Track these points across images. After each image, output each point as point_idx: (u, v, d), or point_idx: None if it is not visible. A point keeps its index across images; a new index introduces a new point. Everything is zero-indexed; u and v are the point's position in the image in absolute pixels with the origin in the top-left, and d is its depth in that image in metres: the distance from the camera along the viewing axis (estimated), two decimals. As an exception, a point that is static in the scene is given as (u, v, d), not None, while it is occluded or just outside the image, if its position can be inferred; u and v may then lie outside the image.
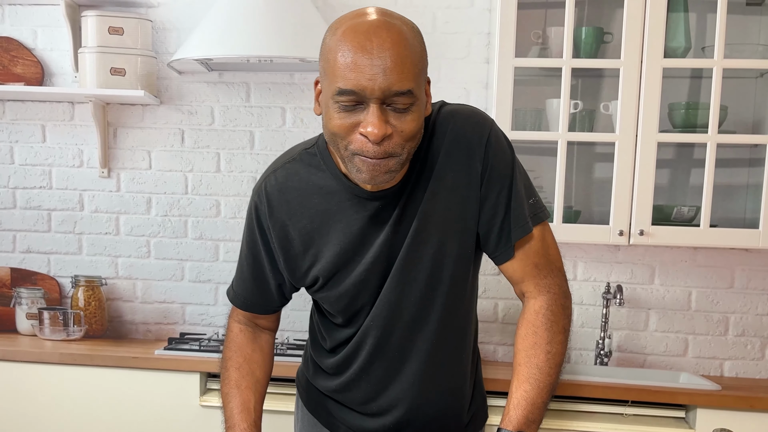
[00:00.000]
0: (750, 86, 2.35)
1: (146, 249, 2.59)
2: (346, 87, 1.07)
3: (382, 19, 1.09)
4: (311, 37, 2.23)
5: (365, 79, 1.06)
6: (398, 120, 1.10)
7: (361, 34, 1.07)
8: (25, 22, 2.56)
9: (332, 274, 1.27)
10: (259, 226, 1.31)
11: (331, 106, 1.11)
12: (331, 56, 1.09)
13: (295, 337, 2.51)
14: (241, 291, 1.40)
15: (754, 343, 2.43)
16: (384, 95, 1.07)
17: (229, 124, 2.53)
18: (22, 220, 2.61)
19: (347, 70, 1.06)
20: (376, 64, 1.06)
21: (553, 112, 2.27)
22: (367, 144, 1.10)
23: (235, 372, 1.38)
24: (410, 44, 1.09)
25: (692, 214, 2.27)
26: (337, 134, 1.12)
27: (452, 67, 2.43)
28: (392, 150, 1.11)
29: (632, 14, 2.15)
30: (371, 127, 1.08)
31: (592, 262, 2.45)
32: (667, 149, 2.36)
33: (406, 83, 1.07)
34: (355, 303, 1.29)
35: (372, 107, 1.08)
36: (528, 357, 1.24)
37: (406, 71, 1.07)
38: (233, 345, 1.41)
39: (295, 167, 1.27)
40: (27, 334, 2.51)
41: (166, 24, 2.52)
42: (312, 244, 1.27)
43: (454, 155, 1.21)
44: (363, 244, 1.24)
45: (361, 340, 1.31)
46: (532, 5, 2.33)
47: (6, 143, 2.60)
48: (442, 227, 1.23)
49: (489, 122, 1.23)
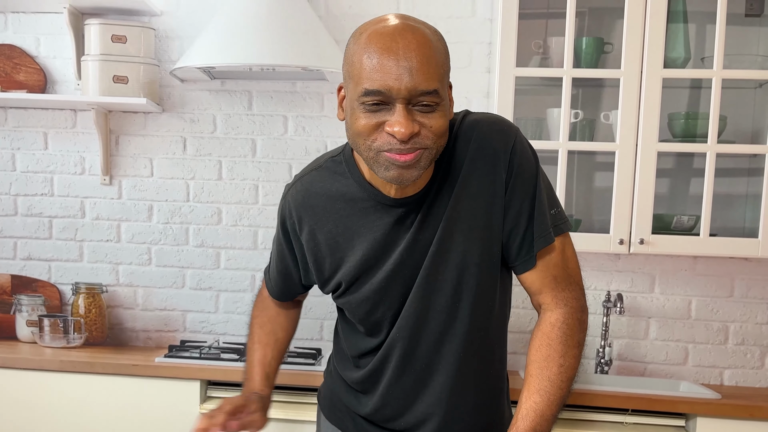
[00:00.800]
0: (749, 96, 2.37)
1: (147, 256, 2.59)
2: (372, 87, 1.08)
3: (406, 23, 1.11)
4: (313, 46, 2.24)
5: (392, 80, 1.06)
6: (425, 118, 1.10)
7: (386, 36, 1.08)
8: (28, 29, 2.57)
9: (355, 279, 1.28)
10: (284, 228, 1.38)
11: (356, 108, 1.11)
12: (356, 59, 1.10)
13: (297, 345, 2.51)
14: (272, 279, 1.51)
15: (754, 352, 2.44)
16: (410, 95, 1.08)
17: (231, 132, 2.54)
18: (24, 227, 2.61)
19: (373, 72, 1.07)
20: (402, 65, 1.06)
21: (553, 121, 2.28)
22: (393, 141, 1.10)
23: (259, 329, 1.52)
24: (434, 46, 1.10)
25: (692, 223, 2.28)
26: (362, 134, 1.12)
27: (454, 76, 2.38)
28: (422, 143, 1.11)
29: (632, 25, 2.17)
30: (398, 126, 1.08)
31: (593, 270, 2.46)
32: (667, 159, 2.37)
33: (432, 83, 1.08)
34: (376, 310, 1.28)
35: (398, 107, 1.08)
36: (540, 369, 1.23)
37: (432, 71, 1.08)
38: (261, 304, 1.54)
39: (321, 174, 1.30)
40: (27, 341, 2.51)
41: (169, 32, 2.53)
42: (337, 249, 1.28)
43: (479, 162, 1.21)
44: (385, 251, 1.24)
45: (387, 352, 1.30)
46: (533, 15, 2.35)
47: (8, 150, 2.60)
48: (467, 234, 1.22)
49: (514, 130, 1.23)
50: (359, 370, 1.35)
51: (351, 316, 1.34)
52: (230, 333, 2.57)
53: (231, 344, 2.47)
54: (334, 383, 1.44)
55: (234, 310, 2.58)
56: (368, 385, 1.34)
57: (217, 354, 2.33)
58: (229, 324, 2.59)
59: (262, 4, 2.29)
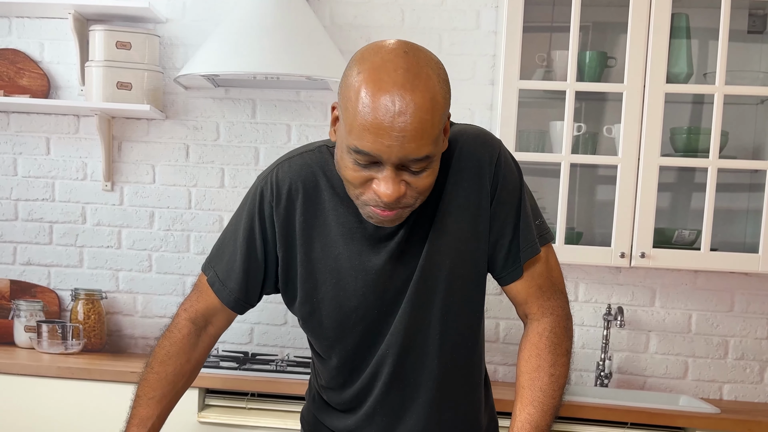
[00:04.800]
0: (751, 112, 2.38)
1: (148, 263, 2.58)
2: (362, 149, 1.05)
3: (406, 73, 1.03)
4: (318, 56, 2.25)
5: (383, 146, 1.04)
6: (413, 178, 1.09)
7: (384, 92, 1.02)
8: (33, 35, 2.57)
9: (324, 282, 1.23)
10: (261, 215, 1.24)
11: (345, 155, 1.09)
12: (351, 103, 1.05)
13: (296, 354, 2.51)
14: (230, 284, 1.28)
15: (753, 367, 2.44)
16: (400, 161, 1.06)
17: (234, 140, 2.55)
18: (24, 232, 2.61)
19: (365, 131, 1.03)
20: (395, 134, 1.02)
21: (556, 134, 2.29)
22: (378, 199, 1.09)
23: (155, 377, 1.30)
24: (434, 103, 1.04)
25: (693, 238, 2.29)
26: (349, 182, 1.11)
27: (457, 88, 2.43)
28: (405, 203, 1.11)
29: (635, 40, 2.18)
30: (384, 189, 1.07)
31: (594, 283, 2.46)
32: (668, 173, 2.38)
33: (424, 150, 1.05)
34: (349, 320, 1.23)
35: (387, 170, 1.06)
36: (532, 380, 1.23)
37: (426, 138, 1.04)
38: (171, 347, 1.30)
39: (312, 158, 1.23)
40: (25, 347, 2.49)
41: (174, 40, 2.54)
42: (310, 241, 1.22)
43: (465, 174, 1.20)
44: (361, 254, 1.21)
45: (376, 370, 1.26)
46: (537, 29, 2.36)
47: (10, 155, 2.60)
48: (456, 246, 1.22)
49: (498, 142, 1.23)
50: (344, 390, 1.31)
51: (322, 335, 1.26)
52: (229, 341, 2.56)
53: (230, 352, 2.47)
54: (316, 406, 1.39)
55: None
56: (354, 404, 1.31)
57: (216, 362, 2.32)
58: (228, 332, 2.56)
59: (267, 13, 2.30)
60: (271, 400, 2.20)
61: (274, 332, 2.57)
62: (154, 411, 1.30)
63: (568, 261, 2.29)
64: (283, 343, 2.57)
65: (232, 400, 2.22)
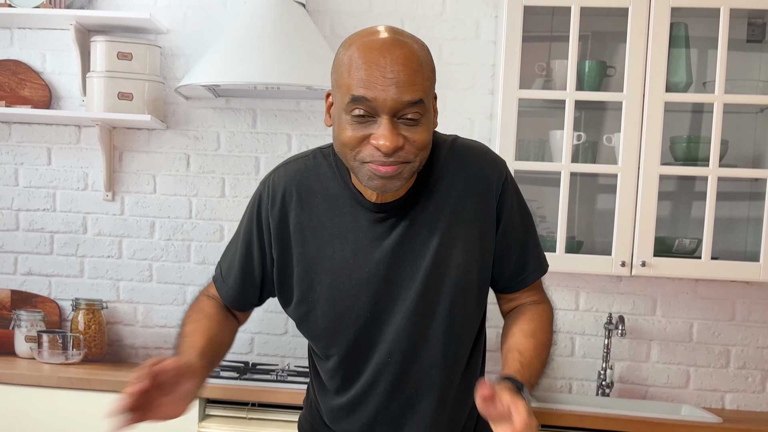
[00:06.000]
0: (750, 121, 2.38)
1: (148, 273, 2.59)
2: (359, 94, 1.10)
3: (394, 37, 1.13)
4: (318, 66, 2.26)
5: (378, 90, 1.09)
6: (409, 131, 1.12)
7: (374, 50, 1.11)
8: (34, 46, 2.59)
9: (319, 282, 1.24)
10: (258, 218, 1.29)
11: (343, 118, 1.13)
12: (344, 69, 1.12)
13: (296, 364, 2.50)
14: (230, 281, 1.34)
15: (755, 376, 2.43)
16: (396, 106, 1.10)
17: (234, 150, 2.55)
18: (25, 242, 2.61)
19: (360, 81, 1.10)
20: (389, 77, 1.09)
21: (556, 143, 2.30)
22: (377, 153, 1.12)
23: (193, 324, 1.29)
24: (421, 60, 1.13)
25: (694, 247, 2.28)
26: (348, 144, 1.14)
27: (457, 97, 2.47)
28: (405, 158, 1.13)
29: (635, 49, 2.19)
30: (383, 140, 1.10)
31: (595, 292, 2.46)
32: (668, 182, 2.38)
33: (417, 93, 1.11)
34: (342, 322, 1.24)
35: (384, 120, 1.11)
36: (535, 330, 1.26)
37: (418, 83, 1.11)
38: (196, 307, 1.34)
39: (307, 163, 1.28)
40: (25, 357, 2.49)
41: (175, 50, 2.55)
42: (305, 242, 1.25)
43: (474, 190, 1.24)
44: (356, 254, 1.22)
45: (375, 379, 1.26)
46: (536, 38, 2.37)
47: (11, 165, 2.61)
48: (463, 260, 1.23)
49: (504, 162, 1.30)
50: (342, 395, 1.31)
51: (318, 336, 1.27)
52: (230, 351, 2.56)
53: (230, 362, 2.46)
54: (313, 415, 1.39)
55: (234, 328, 2.57)
56: (352, 411, 1.31)
57: (216, 372, 2.32)
58: (229, 342, 2.58)
59: (268, 23, 2.31)
60: (272, 409, 2.20)
61: (275, 342, 2.57)
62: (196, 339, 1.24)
63: (568, 270, 2.29)
64: (283, 352, 2.57)
65: (232, 410, 2.21)
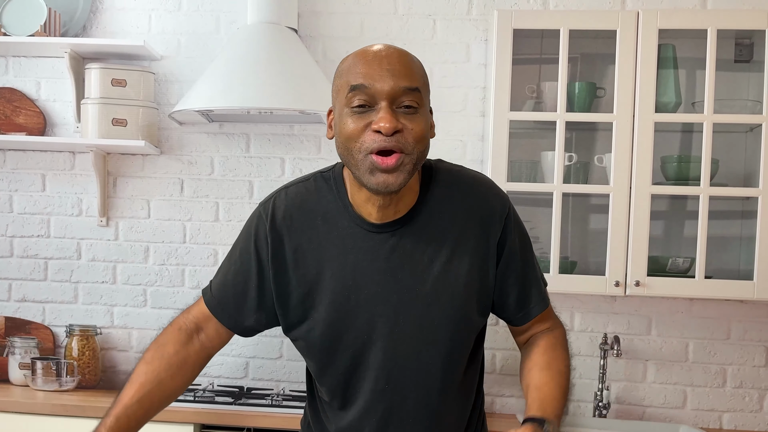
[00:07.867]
0: (740, 140, 2.40)
1: (143, 298, 2.58)
2: (357, 82, 1.16)
3: (390, 45, 1.23)
4: (311, 90, 2.28)
5: (376, 78, 1.15)
6: (407, 120, 1.17)
7: (372, 51, 1.20)
8: (29, 73, 2.61)
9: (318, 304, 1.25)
10: (256, 238, 1.29)
11: (344, 114, 1.18)
12: (344, 72, 1.20)
13: (291, 389, 2.49)
14: (220, 295, 1.34)
15: (752, 395, 2.42)
16: (393, 92, 1.15)
17: (228, 174, 2.56)
18: (19, 269, 2.61)
19: (359, 72, 1.17)
20: (386, 68, 1.16)
21: (548, 164, 2.31)
22: (379, 138, 1.15)
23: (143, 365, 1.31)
24: (416, 61, 1.22)
25: (687, 266, 2.29)
26: (351, 137, 1.17)
27: (449, 119, 2.48)
28: (403, 145, 1.16)
29: (623, 70, 2.21)
30: (383, 121, 1.14)
31: (589, 312, 2.46)
32: (660, 201, 2.39)
33: (414, 81, 1.17)
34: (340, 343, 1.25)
35: (383, 105, 1.16)
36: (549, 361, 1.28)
37: (414, 74, 1.18)
38: (160, 341, 1.33)
39: (307, 187, 1.30)
40: (19, 384, 2.48)
41: (169, 76, 2.57)
42: (305, 263, 1.26)
43: (477, 221, 1.26)
44: (355, 276, 1.24)
45: (371, 406, 1.27)
46: (526, 61, 2.39)
47: (6, 192, 2.61)
48: (465, 290, 1.25)
49: (507, 197, 1.32)
50: (339, 420, 1.31)
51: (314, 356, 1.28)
52: (224, 376, 2.55)
53: (225, 387, 2.45)
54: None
55: (228, 353, 2.56)
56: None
57: (211, 397, 2.31)
58: (224, 367, 2.57)
59: (260, 49, 2.34)
60: None
61: (270, 366, 2.56)
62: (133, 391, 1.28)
63: (562, 290, 2.29)
64: (278, 377, 2.56)
65: (227, 436, 2.20)
